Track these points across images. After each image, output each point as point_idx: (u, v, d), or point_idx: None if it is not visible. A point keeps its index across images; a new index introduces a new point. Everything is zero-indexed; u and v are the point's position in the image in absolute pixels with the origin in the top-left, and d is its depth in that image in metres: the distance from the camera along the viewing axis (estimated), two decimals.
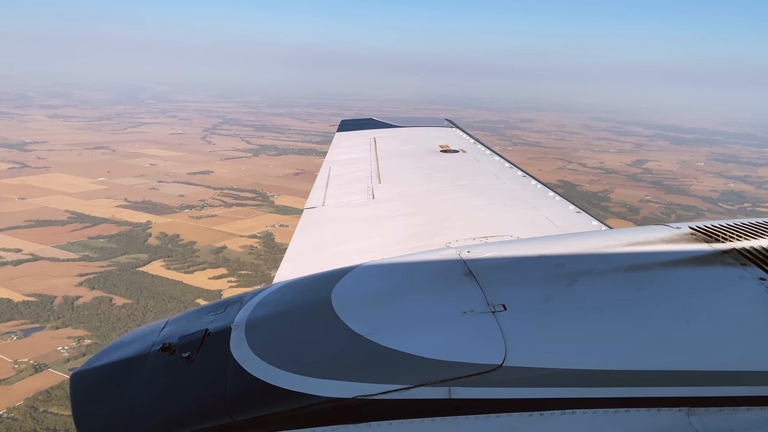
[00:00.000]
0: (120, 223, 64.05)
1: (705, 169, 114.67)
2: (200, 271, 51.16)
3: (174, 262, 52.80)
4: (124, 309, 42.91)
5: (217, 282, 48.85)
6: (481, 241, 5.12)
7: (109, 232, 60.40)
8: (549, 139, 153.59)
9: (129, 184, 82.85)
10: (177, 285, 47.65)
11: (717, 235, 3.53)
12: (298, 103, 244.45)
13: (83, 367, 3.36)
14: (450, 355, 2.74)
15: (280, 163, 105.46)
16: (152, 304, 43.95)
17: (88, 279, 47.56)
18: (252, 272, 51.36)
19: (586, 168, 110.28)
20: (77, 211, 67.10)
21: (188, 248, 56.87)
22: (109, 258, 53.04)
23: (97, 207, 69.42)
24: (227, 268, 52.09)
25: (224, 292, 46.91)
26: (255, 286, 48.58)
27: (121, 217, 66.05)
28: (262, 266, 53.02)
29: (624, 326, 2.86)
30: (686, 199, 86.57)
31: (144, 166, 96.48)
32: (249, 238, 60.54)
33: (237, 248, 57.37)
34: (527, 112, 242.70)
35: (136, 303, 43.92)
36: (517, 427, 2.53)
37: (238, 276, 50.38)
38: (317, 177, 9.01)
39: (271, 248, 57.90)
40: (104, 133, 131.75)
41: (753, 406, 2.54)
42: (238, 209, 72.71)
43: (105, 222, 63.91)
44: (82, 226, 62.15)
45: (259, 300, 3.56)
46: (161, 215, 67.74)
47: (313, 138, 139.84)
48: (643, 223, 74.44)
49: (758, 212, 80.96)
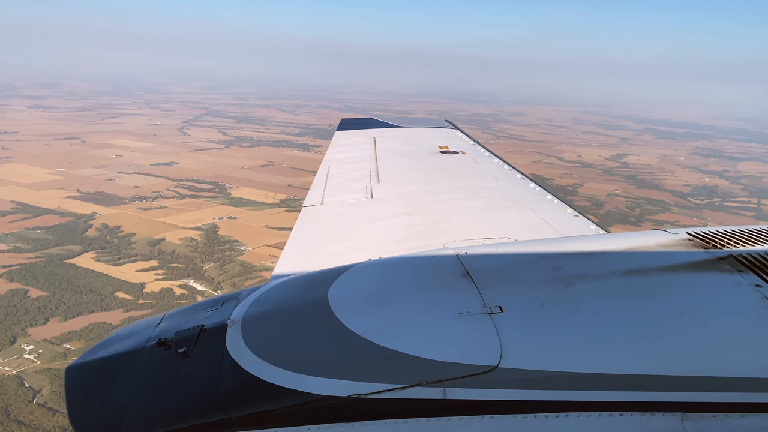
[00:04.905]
0: (64, 214, 62.84)
1: (684, 163, 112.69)
2: (130, 264, 49.89)
3: (105, 254, 51.57)
4: (36, 301, 41.70)
5: (144, 275, 47.55)
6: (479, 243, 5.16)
7: (49, 223, 59.20)
8: (534, 132, 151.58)
9: (87, 174, 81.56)
10: (100, 277, 46.39)
11: (714, 242, 3.55)
12: (289, 95, 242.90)
13: (78, 360, 3.35)
14: (446, 355, 2.74)
15: (250, 154, 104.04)
16: (68, 296, 42.72)
17: (10, 271, 46.31)
18: (183, 265, 50.05)
19: (563, 162, 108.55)
20: (24, 202, 65.91)
21: (125, 240, 55.65)
22: (39, 249, 51.81)
23: (46, 198, 68.23)
24: (159, 261, 50.78)
25: (147, 285, 45.75)
26: (181, 279, 47.51)
27: (67, 208, 64.83)
28: (196, 259, 51.73)
29: (620, 330, 2.86)
30: (656, 194, 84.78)
31: (109, 157, 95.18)
32: (191, 231, 59.24)
33: (176, 241, 56.06)
34: (520, 106, 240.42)
35: (51, 296, 42.67)
36: (511, 429, 2.55)
37: (167, 269, 49.09)
38: (316, 175, 8.97)
39: (212, 241, 56.63)
40: (80, 124, 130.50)
41: (747, 412, 2.55)
42: (191, 201, 71.41)
43: (49, 213, 62.70)
44: (23, 216, 60.94)
45: (256, 297, 3.56)
46: (109, 206, 66.51)
47: (292, 130, 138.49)
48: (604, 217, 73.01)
49: (726, 206, 79.21)
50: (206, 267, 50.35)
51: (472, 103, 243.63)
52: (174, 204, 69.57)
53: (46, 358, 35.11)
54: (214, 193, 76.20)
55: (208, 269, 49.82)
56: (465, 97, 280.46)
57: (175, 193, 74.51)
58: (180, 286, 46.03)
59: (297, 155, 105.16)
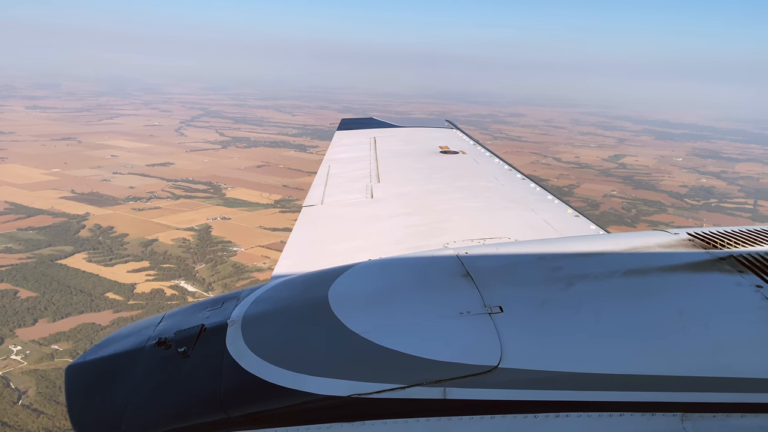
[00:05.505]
0: (57, 214, 62.65)
1: (682, 164, 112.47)
2: (121, 264, 49.70)
3: (97, 255, 51.38)
4: (26, 302, 41.52)
5: (135, 275, 47.36)
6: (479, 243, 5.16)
7: (42, 224, 59.00)
8: (532, 133, 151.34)
9: (82, 175, 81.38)
10: (90, 278, 46.20)
11: (715, 242, 3.53)
12: (288, 96, 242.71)
13: (78, 359, 3.34)
14: (446, 355, 2.74)
15: (246, 155, 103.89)
16: (57, 297, 42.54)
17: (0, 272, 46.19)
18: (175, 266, 49.86)
19: (560, 162, 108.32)
20: (17, 203, 65.73)
21: (118, 241, 55.46)
22: (31, 250, 51.63)
23: (40, 198, 68.04)
24: (151, 262, 50.59)
25: (138, 285, 45.56)
26: (172, 280, 47.31)
27: (61, 209, 64.65)
28: (188, 260, 51.52)
29: (620, 330, 2.85)
30: (653, 195, 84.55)
31: (105, 157, 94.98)
32: (185, 231, 59.06)
33: (168, 241, 55.87)
34: (519, 107, 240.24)
35: (41, 296, 42.50)
36: (511, 429, 2.56)
37: (159, 269, 48.89)
38: (316, 175, 8.95)
39: (204, 242, 56.46)
40: (77, 125, 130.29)
41: (747, 412, 2.55)
42: (186, 201, 71.23)
43: (42, 213, 62.49)
44: (16, 217, 60.78)
45: (256, 296, 3.56)
46: (103, 207, 66.32)
47: (290, 131, 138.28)
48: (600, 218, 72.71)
49: (723, 207, 79.00)
50: (198, 268, 50.16)
51: (471, 103, 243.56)
52: (168, 204, 69.38)
53: (33, 359, 34.92)
54: (208, 193, 76.01)
55: (200, 270, 49.63)
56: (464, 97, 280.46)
57: (169, 194, 74.29)
58: (171, 287, 45.83)
59: (293, 156, 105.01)
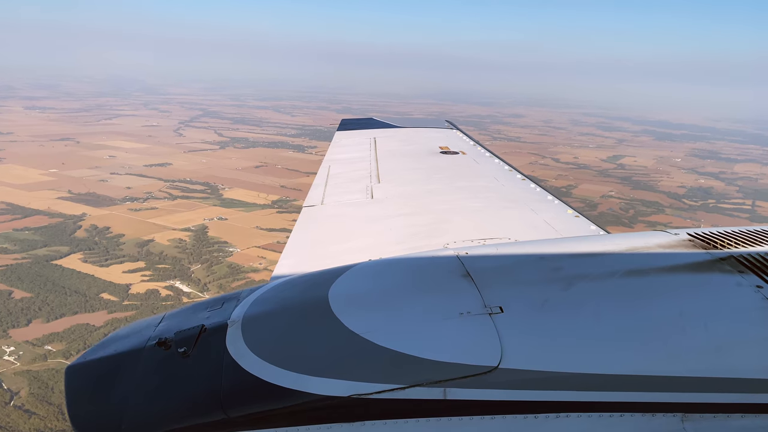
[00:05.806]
0: (53, 215, 62.55)
1: (680, 165, 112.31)
2: (117, 265, 49.59)
3: (93, 255, 51.28)
4: (20, 303, 41.42)
5: (130, 276, 47.25)
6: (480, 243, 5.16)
7: (38, 224, 58.92)
8: (531, 134, 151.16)
9: (79, 175, 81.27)
10: (86, 278, 46.10)
11: (715, 242, 3.53)
12: (287, 96, 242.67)
13: (78, 360, 3.33)
14: (446, 355, 2.74)
15: (244, 155, 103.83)
16: (52, 297, 42.44)
17: None
18: (171, 266, 49.76)
19: (558, 163, 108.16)
20: (14, 203, 65.65)
21: (114, 241, 55.33)
22: (26, 250, 51.54)
23: (37, 199, 67.94)
24: (146, 262, 50.48)
25: (133, 286, 45.45)
26: (167, 281, 47.20)
27: (57, 209, 64.56)
28: (184, 260, 51.41)
29: (620, 331, 2.85)
30: (651, 195, 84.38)
31: (103, 158, 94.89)
32: (181, 231, 58.93)
33: (164, 242, 55.74)
34: (519, 108, 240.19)
35: (35, 297, 42.42)
36: (512, 430, 2.56)
37: (154, 270, 48.79)
38: (316, 175, 8.96)
39: (201, 242, 56.31)
40: (76, 125, 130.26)
41: (747, 413, 2.55)
42: (182, 202, 71.11)
43: (38, 214, 62.41)
44: (12, 217, 60.68)
45: (256, 297, 3.55)
46: (100, 207, 66.25)
47: (288, 131, 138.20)
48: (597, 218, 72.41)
49: (721, 208, 78.83)
50: (194, 268, 50.04)
51: (471, 104, 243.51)
52: (165, 205, 69.25)
53: (26, 359, 34.81)
54: (206, 194, 75.90)
55: (196, 270, 49.51)
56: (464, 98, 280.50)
57: (166, 194, 74.18)
58: (166, 288, 45.72)
59: (292, 156, 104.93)
